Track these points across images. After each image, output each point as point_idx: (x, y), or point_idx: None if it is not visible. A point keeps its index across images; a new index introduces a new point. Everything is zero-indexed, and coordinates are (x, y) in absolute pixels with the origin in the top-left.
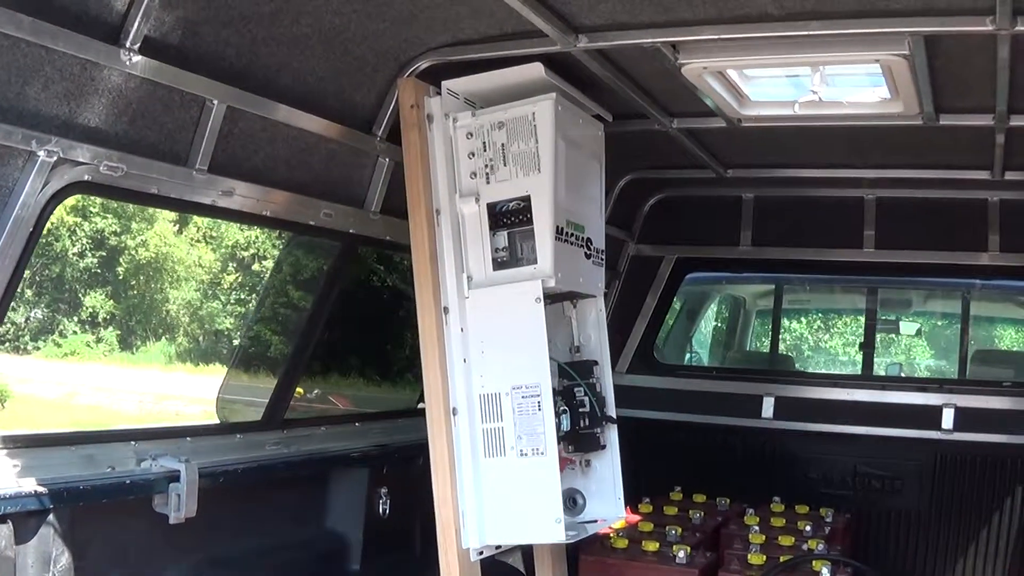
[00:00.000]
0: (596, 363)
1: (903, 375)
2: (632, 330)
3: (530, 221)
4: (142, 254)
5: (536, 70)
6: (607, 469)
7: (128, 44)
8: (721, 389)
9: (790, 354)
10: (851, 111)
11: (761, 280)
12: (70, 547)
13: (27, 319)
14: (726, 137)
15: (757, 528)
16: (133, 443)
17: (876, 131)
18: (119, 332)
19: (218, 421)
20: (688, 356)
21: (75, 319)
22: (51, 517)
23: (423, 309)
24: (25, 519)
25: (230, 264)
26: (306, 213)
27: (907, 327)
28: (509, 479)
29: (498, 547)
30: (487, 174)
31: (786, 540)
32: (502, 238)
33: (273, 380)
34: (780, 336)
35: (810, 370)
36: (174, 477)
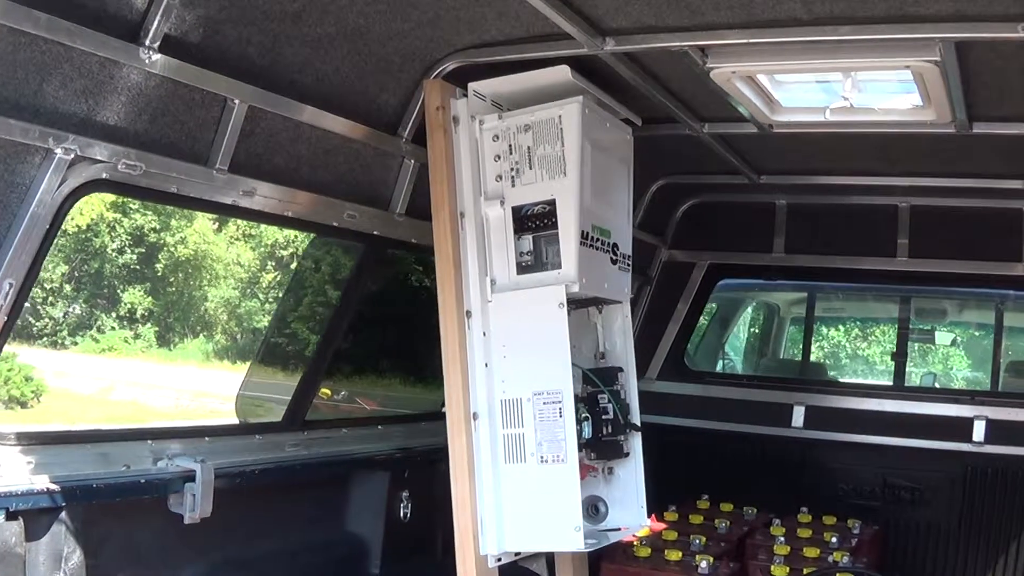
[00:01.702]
0: (621, 370)
1: (936, 386)
2: (663, 336)
3: (555, 225)
4: (181, 251)
5: (563, 72)
6: (630, 477)
7: (148, 42)
8: (752, 397)
9: (822, 363)
10: (883, 118)
11: (793, 288)
12: (82, 545)
13: (65, 314)
14: (758, 143)
15: (783, 539)
16: (150, 442)
17: (909, 139)
18: (157, 328)
19: (237, 421)
20: (719, 363)
21: (113, 315)
22: (63, 515)
23: (445, 312)
24: (37, 516)
25: (269, 263)
26: (329, 214)
27: (943, 337)
28: (529, 486)
29: (517, 554)
30: (513, 177)
31: (811, 552)
32: (527, 242)
33: (293, 379)
34: (812, 345)
35: (842, 379)
36: (190, 477)
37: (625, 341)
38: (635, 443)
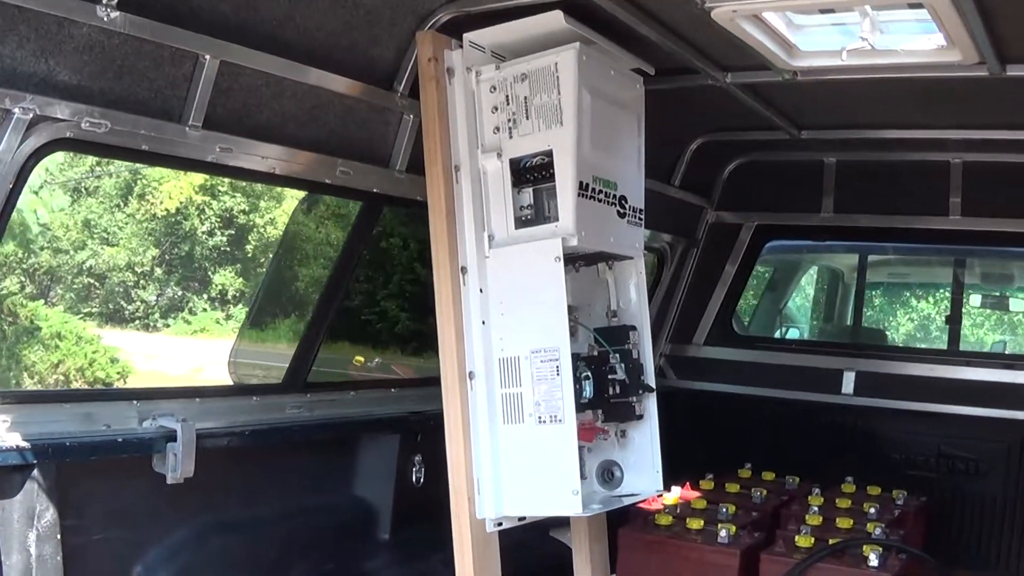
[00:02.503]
0: (633, 328)
1: (995, 351)
2: (710, 301)
3: (553, 177)
4: (270, 232)
5: (556, 19)
6: (645, 441)
7: (104, 0)
8: (800, 363)
9: (873, 327)
10: (908, 60)
11: (843, 249)
12: (56, 504)
13: (158, 297)
14: (790, 94)
15: (816, 509)
16: (135, 403)
17: (947, 86)
18: (248, 309)
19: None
20: (768, 327)
21: (204, 296)
22: (35, 473)
23: (439, 268)
24: (8, 474)
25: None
26: (321, 171)
27: (1017, 304)
28: (527, 447)
29: (521, 519)
30: (510, 128)
31: (844, 522)
32: (527, 195)
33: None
34: (863, 308)
35: (893, 344)
36: (172, 437)
37: (639, 299)
38: (649, 405)
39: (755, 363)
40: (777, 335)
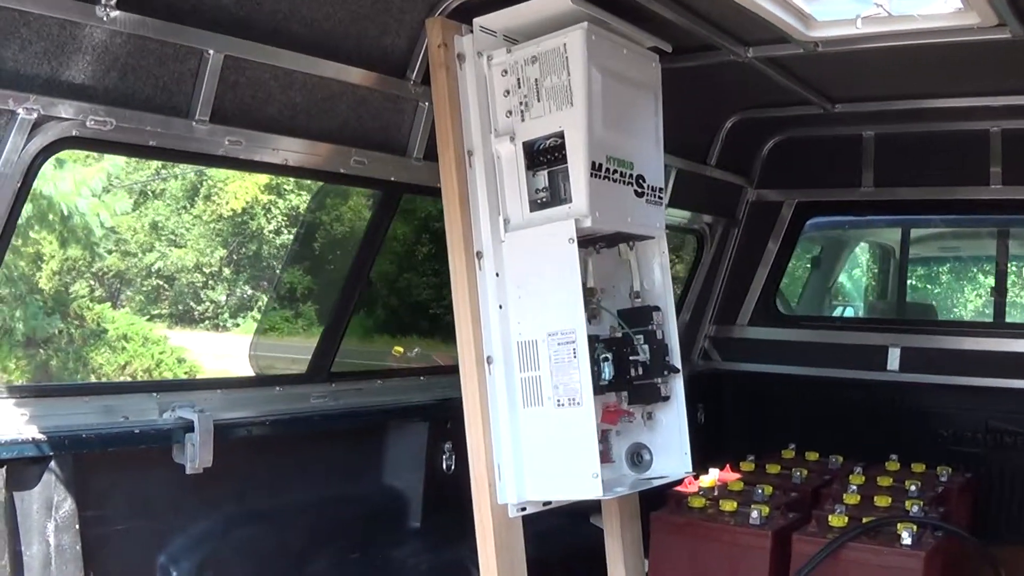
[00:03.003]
0: (657, 309)
1: None
2: (753, 281)
3: (566, 158)
4: (337, 229)
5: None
6: (672, 422)
7: (103, 0)
8: (845, 340)
9: (918, 302)
10: (926, 25)
11: (885, 223)
12: (74, 495)
13: (227, 297)
14: (816, 67)
15: (855, 488)
16: (155, 395)
17: (974, 51)
18: (317, 307)
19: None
20: (812, 306)
21: (273, 295)
22: (53, 464)
23: (454, 254)
24: (26, 466)
25: (423, 235)
26: (335, 161)
27: None
28: (546, 431)
29: (546, 503)
30: (522, 111)
31: (882, 501)
32: (542, 178)
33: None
34: (907, 283)
35: (939, 319)
36: (189, 428)
37: (664, 279)
38: (676, 386)
39: (800, 342)
40: (822, 313)
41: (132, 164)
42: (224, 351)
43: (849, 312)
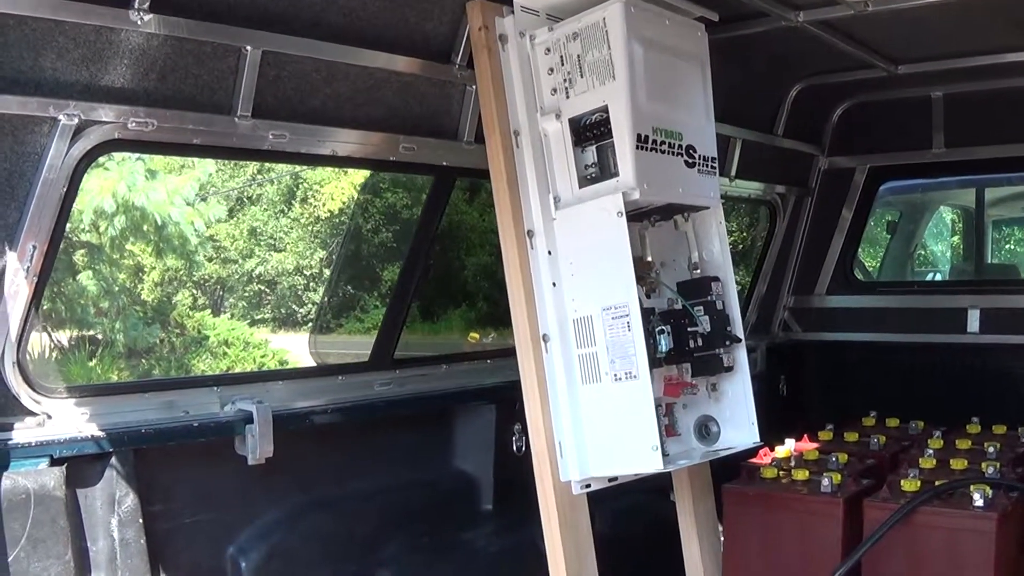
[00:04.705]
0: (716, 279)
1: None
2: (829, 249)
3: (612, 133)
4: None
5: None
6: (738, 393)
7: (136, 4)
8: (923, 304)
9: (996, 262)
10: None
11: (958, 184)
12: (136, 489)
13: (329, 298)
14: (872, 28)
15: (932, 452)
16: (216, 388)
17: None
18: (419, 303)
19: None
20: (892, 271)
21: (375, 293)
22: (114, 460)
23: (505, 234)
24: (89, 463)
25: None
26: (384, 149)
27: None
28: (605, 406)
29: (612, 479)
30: (566, 88)
31: (958, 464)
32: (591, 154)
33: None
34: (984, 243)
35: (1019, 278)
36: (249, 419)
37: (722, 248)
38: (739, 356)
39: (878, 308)
40: (903, 279)
41: (226, 171)
42: (327, 350)
43: (928, 276)
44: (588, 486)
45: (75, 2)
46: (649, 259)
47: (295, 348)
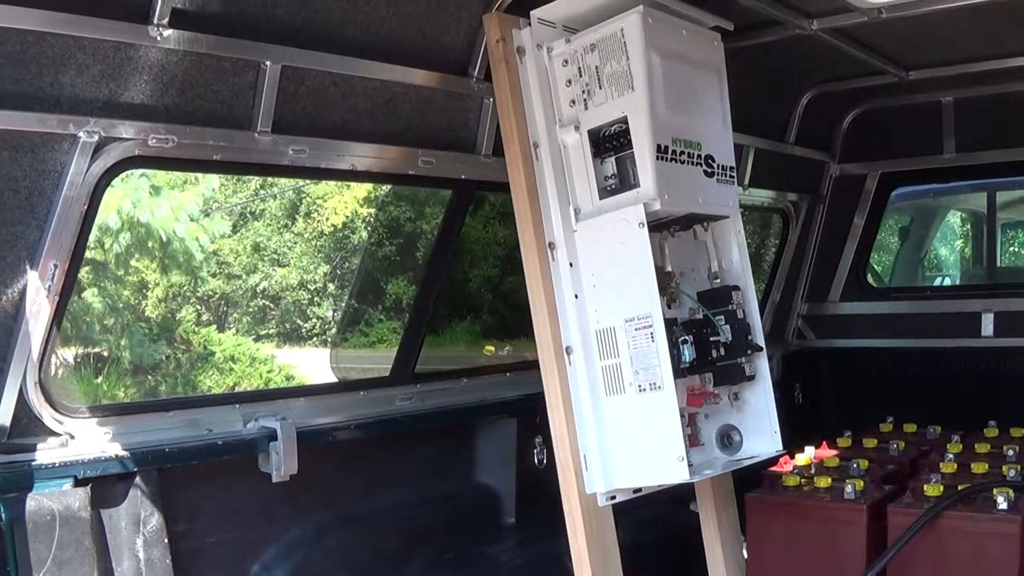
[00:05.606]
0: (736, 288)
1: None
2: (841, 256)
3: (632, 144)
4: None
5: None
6: (760, 401)
7: (156, 20)
8: (937, 309)
9: (1008, 266)
10: None
11: (969, 188)
12: (161, 509)
13: (333, 312)
14: (884, 34)
15: (953, 456)
16: (237, 406)
17: None
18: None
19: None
20: (904, 277)
21: (379, 307)
22: (138, 480)
23: (526, 247)
24: (112, 483)
25: None
26: (403, 163)
27: None
28: (630, 417)
29: (637, 491)
30: (585, 100)
31: (979, 468)
32: (610, 165)
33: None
34: (996, 247)
35: None
36: (273, 436)
37: (742, 257)
38: (760, 365)
39: (891, 314)
40: (915, 284)
41: (229, 187)
42: (350, 364)
43: (938, 281)
44: (613, 498)
45: (94, 18)
46: (669, 269)
47: (301, 363)
